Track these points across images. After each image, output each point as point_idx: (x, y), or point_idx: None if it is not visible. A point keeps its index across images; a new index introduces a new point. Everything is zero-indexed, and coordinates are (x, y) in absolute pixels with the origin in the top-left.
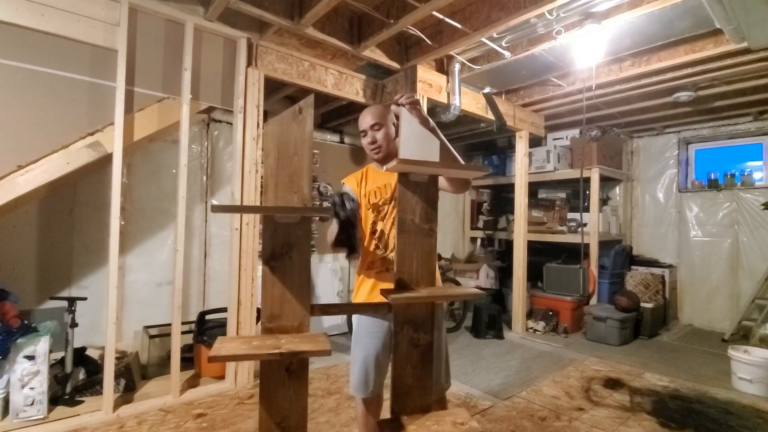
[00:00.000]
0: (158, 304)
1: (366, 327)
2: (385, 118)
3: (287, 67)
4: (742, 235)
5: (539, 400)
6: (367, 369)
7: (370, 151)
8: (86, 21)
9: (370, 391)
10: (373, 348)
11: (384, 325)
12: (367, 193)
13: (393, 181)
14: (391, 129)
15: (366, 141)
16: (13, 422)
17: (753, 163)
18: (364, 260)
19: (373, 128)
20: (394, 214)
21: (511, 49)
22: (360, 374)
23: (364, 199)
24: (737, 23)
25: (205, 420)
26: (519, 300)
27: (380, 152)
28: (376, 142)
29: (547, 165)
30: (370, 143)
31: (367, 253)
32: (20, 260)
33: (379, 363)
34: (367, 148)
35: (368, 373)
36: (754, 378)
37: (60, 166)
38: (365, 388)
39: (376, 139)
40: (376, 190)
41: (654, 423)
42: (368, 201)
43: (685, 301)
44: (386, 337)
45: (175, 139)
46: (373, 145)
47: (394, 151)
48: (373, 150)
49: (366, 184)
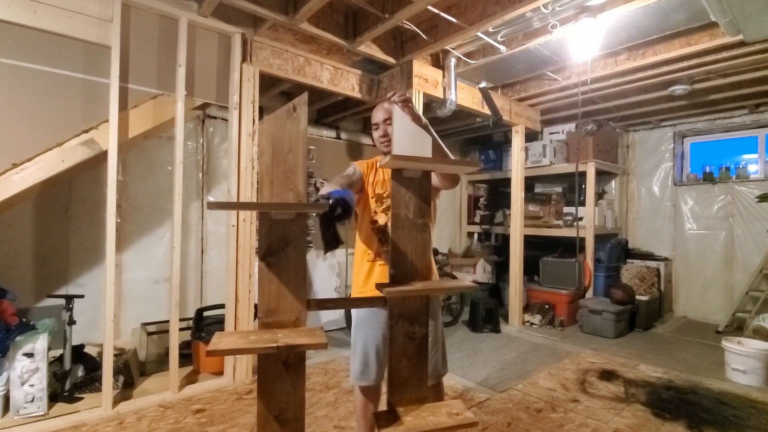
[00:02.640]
0: (156, 301)
1: (365, 317)
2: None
3: (282, 62)
4: (736, 228)
5: (535, 393)
6: (367, 358)
7: (380, 144)
8: (79, 17)
9: (371, 379)
10: (373, 337)
11: (383, 314)
12: (375, 182)
13: None
14: None
15: (378, 134)
16: (13, 419)
17: (748, 156)
18: (365, 250)
19: (385, 122)
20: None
21: (506, 43)
22: (360, 364)
23: (370, 187)
24: (732, 16)
25: (204, 415)
26: (515, 294)
27: (390, 146)
28: (387, 135)
29: (543, 159)
30: (381, 136)
31: (369, 243)
32: (17, 258)
33: (379, 352)
34: (377, 141)
35: (368, 362)
36: (747, 369)
37: (55, 164)
38: (365, 377)
39: (388, 132)
40: (383, 181)
41: (648, 413)
42: (374, 190)
43: (680, 293)
44: (385, 326)
45: (170, 136)
46: (384, 138)
47: None
48: (383, 143)
49: (375, 174)
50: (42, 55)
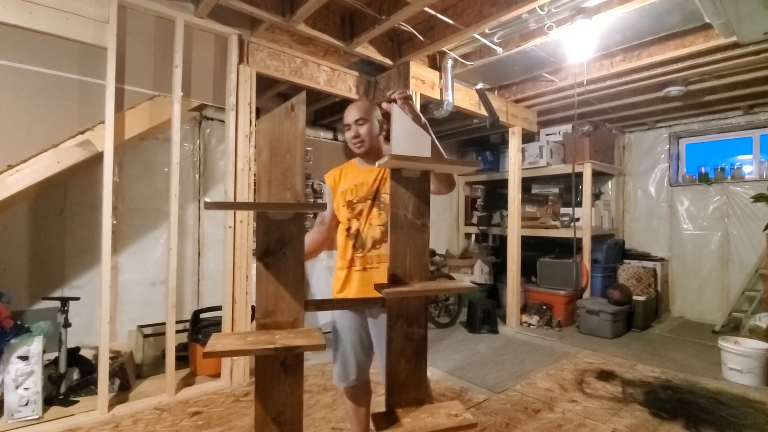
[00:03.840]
0: (152, 303)
1: (341, 322)
2: (370, 113)
3: (279, 63)
4: (732, 228)
5: (533, 393)
6: (345, 360)
7: (353, 145)
8: (75, 18)
9: (351, 380)
10: (349, 339)
11: (357, 319)
12: (344, 191)
13: (371, 180)
14: (375, 125)
15: (349, 135)
16: (8, 423)
17: (743, 156)
18: (341, 257)
19: (357, 123)
20: (372, 215)
21: (503, 44)
22: (339, 365)
23: (340, 196)
24: (726, 17)
25: (200, 418)
26: (513, 295)
27: (362, 146)
28: (359, 136)
29: (540, 160)
30: (353, 137)
31: (344, 251)
32: (12, 261)
33: (357, 352)
34: (350, 142)
35: (346, 364)
36: (744, 368)
37: (50, 166)
38: (345, 378)
39: (359, 133)
40: (353, 187)
41: (646, 413)
42: (344, 198)
43: (676, 293)
44: (360, 329)
45: (166, 137)
46: (356, 139)
47: (376, 147)
48: (356, 144)
49: (343, 181)
50: (38, 56)
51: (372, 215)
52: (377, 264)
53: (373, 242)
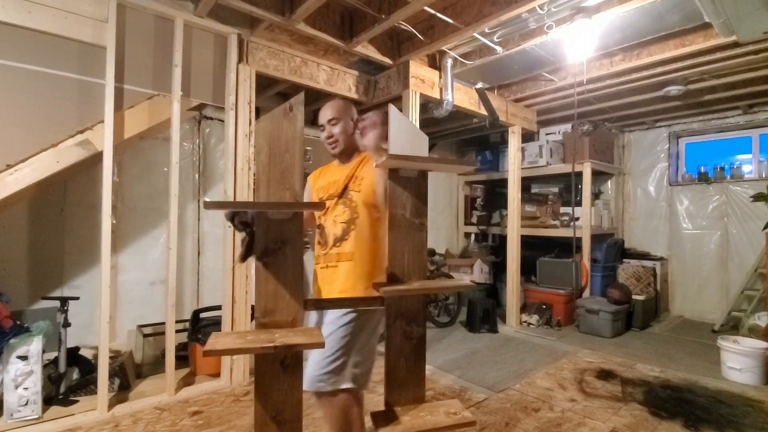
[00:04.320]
0: (152, 302)
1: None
2: (344, 113)
3: (279, 63)
4: (731, 228)
5: (533, 392)
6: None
7: (328, 146)
8: (74, 18)
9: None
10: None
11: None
12: (318, 188)
13: (342, 177)
14: (350, 124)
15: (324, 135)
16: (7, 423)
17: (742, 156)
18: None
19: (330, 123)
20: (336, 211)
21: (503, 44)
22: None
23: (315, 194)
24: (726, 17)
25: (200, 417)
26: (513, 294)
27: (337, 147)
28: (333, 136)
29: (539, 160)
30: (326, 137)
31: (317, 249)
32: (11, 260)
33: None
34: (324, 142)
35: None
36: (743, 367)
37: (49, 165)
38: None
39: (333, 133)
40: (326, 185)
41: (645, 412)
42: (317, 196)
43: (676, 293)
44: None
45: (166, 137)
46: (329, 140)
47: (351, 147)
48: (330, 144)
49: (320, 179)
50: (37, 56)
51: (336, 212)
52: (336, 262)
53: (334, 239)
